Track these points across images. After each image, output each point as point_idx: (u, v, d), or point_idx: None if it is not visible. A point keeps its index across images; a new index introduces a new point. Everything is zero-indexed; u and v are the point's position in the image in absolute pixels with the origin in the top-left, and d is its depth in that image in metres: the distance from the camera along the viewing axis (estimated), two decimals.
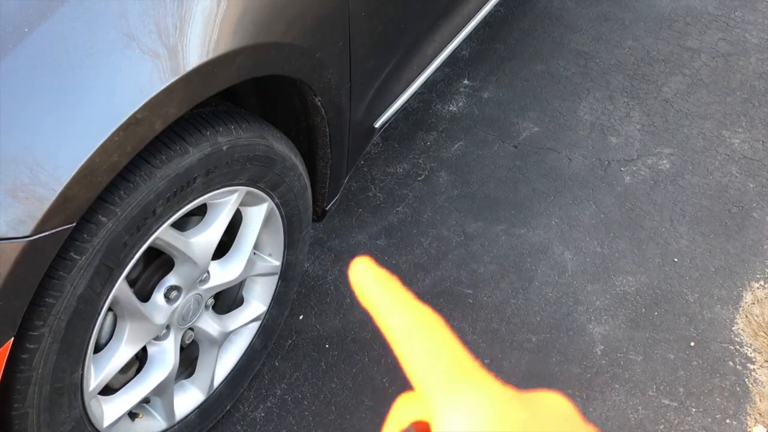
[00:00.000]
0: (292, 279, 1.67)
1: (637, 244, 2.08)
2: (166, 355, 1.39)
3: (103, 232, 1.05)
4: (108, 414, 1.31)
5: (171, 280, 1.31)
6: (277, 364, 1.79)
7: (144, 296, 1.29)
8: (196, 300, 1.39)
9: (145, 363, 1.39)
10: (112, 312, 1.25)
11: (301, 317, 1.89)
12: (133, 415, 1.47)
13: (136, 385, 1.37)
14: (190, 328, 1.45)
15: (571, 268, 2.01)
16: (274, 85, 1.45)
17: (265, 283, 1.61)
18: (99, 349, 1.26)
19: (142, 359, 1.40)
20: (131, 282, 1.25)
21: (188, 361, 1.56)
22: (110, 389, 1.35)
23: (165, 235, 1.20)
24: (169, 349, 1.39)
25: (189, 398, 1.54)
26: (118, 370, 1.29)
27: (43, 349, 1.06)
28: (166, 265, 1.31)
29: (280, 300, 1.66)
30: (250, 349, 1.65)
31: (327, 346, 1.83)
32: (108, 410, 1.32)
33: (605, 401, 1.73)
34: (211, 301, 1.47)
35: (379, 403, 1.72)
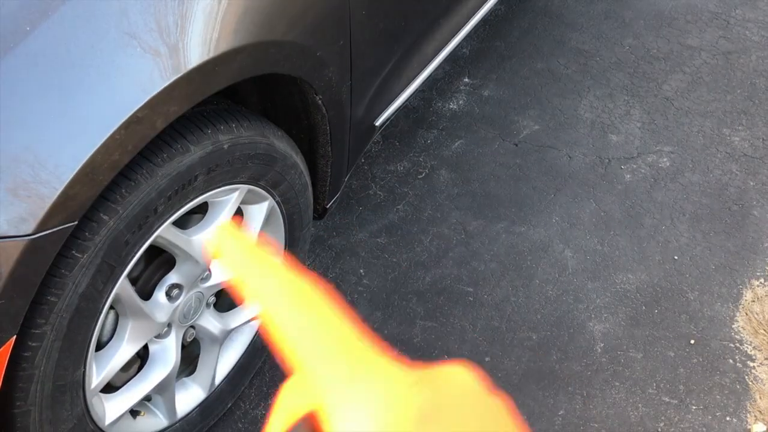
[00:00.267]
0: None
1: (637, 242, 2.08)
2: (168, 353, 1.39)
3: (104, 230, 1.05)
4: (110, 412, 1.32)
5: (172, 278, 1.31)
6: (278, 362, 1.79)
7: (145, 294, 1.29)
8: (198, 298, 1.39)
9: (146, 361, 1.39)
10: (113, 310, 1.25)
11: None
12: (135, 413, 1.47)
13: (138, 383, 1.37)
14: (192, 326, 1.46)
15: (571, 265, 2.02)
16: (275, 83, 1.45)
17: None
18: (101, 347, 1.26)
19: (143, 357, 1.40)
20: (133, 280, 1.25)
21: (189, 359, 1.56)
22: (112, 387, 1.35)
23: (166, 234, 1.21)
24: (170, 347, 1.39)
25: (190, 396, 1.54)
26: (120, 368, 1.29)
27: (45, 347, 1.06)
28: (167, 264, 1.31)
29: None
30: (251, 347, 1.65)
31: None
32: (110, 408, 1.32)
33: (605, 399, 1.73)
34: (213, 299, 1.48)
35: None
